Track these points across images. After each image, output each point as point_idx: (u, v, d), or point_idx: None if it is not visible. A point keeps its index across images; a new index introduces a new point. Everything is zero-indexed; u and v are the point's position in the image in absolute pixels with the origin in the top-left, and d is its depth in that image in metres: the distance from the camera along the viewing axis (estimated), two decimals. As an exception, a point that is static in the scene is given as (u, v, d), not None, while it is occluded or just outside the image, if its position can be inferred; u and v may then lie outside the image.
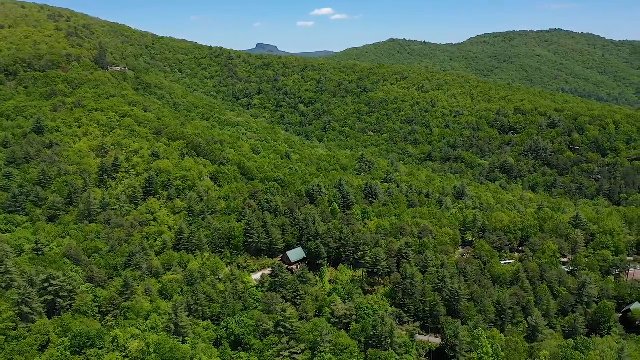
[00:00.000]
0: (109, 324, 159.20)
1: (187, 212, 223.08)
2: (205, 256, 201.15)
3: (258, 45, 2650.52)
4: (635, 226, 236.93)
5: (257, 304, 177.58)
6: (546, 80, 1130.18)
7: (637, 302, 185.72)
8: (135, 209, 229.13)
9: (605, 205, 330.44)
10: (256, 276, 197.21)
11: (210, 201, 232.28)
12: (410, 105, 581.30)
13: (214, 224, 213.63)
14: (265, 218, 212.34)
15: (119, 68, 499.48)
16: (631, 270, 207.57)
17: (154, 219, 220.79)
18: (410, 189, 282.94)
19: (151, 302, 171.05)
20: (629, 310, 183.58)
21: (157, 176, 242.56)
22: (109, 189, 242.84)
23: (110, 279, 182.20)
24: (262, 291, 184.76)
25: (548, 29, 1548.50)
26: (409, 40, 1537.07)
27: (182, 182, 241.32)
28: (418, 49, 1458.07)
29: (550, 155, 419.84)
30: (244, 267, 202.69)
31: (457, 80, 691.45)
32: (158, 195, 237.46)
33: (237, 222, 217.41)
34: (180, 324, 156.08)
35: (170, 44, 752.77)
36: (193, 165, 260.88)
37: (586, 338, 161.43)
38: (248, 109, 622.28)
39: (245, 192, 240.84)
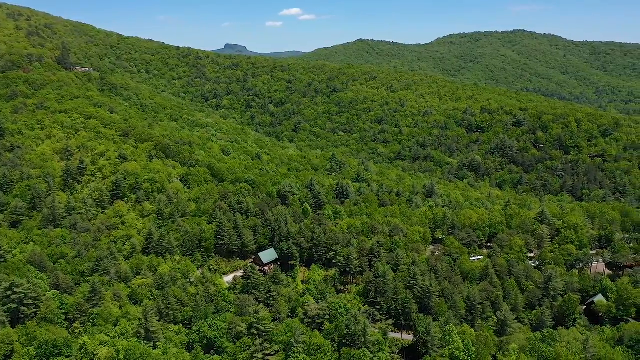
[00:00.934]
0: (77, 331, 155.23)
1: (156, 215, 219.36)
2: (175, 259, 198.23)
3: (227, 46, 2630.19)
4: (598, 221, 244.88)
5: (230, 306, 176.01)
6: (511, 79, 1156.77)
7: (600, 294, 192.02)
8: (102, 212, 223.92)
9: (569, 201, 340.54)
10: (228, 278, 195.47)
11: (180, 203, 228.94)
12: (379, 105, 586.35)
13: (184, 226, 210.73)
14: (237, 219, 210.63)
15: (83, 69, 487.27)
16: (594, 264, 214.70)
17: (122, 223, 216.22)
18: (381, 188, 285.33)
19: (120, 307, 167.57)
20: (593, 302, 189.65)
21: (125, 179, 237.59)
22: (75, 192, 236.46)
23: (77, 285, 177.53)
24: (234, 293, 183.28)
25: (512, 30, 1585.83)
26: (378, 41, 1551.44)
27: (151, 185, 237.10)
28: (387, 50, 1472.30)
29: (516, 153, 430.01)
30: (216, 270, 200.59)
31: (425, 80, 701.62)
32: (126, 199, 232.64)
33: (208, 224, 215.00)
34: (150, 329, 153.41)
35: (136, 44, 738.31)
36: (162, 167, 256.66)
37: (553, 330, 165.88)
38: (217, 109, 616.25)
39: (216, 194, 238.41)
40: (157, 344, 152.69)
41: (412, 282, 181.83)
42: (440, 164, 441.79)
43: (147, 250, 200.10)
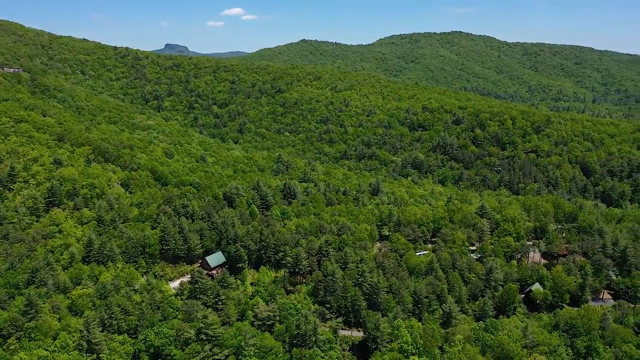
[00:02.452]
0: (12, 347, 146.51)
1: (96, 222, 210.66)
2: (118, 267, 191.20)
3: (167, 46, 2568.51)
4: (533, 213, 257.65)
5: (177, 312, 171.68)
6: (450, 79, 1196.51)
7: (537, 283, 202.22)
8: (37, 221, 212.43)
9: (507, 195, 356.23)
10: (174, 284, 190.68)
11: (121, 209, 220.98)
12: (324, 105, 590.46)
13: (127, 232, 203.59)
14: (182, 224, 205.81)
15: (12, 69, 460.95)
16: (531, 254, 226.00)
17: (59, 231, 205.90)
18: (328, 187, 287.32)
19: (59, 320, 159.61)
20: (531, 290, 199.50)
21: (61, 185, 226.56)
22: (5, 200, 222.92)
23: (11, 299, 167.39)
24: (181, 299, 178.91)
25: (450, 31, 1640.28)
26: (321, 41, 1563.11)
27: (90, 191, 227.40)
28: (330, 50, 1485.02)
29: (456, 150, 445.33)
30: (161, 276, 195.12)
31: (368, 80, 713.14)
32: (63, 206, 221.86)
33: (152, 229, 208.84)
34: (93, 341, 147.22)
35: (70, 44, 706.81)
36: (101, 171, 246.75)
37: (495, 320, 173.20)
38: (159, 111, 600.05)
39: (159, 198, 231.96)
40: (101, 355, 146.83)
41: (360, 279, 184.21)
42: (385, 162, 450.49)
43: (87, 259, 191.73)
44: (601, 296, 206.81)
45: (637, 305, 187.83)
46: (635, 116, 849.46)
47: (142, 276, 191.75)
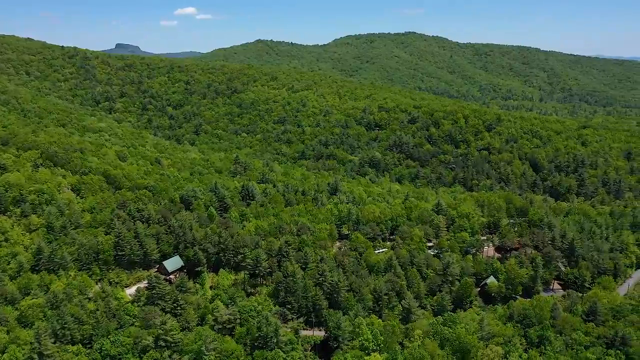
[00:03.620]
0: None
1: (45, 229, 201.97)
2: (70, 275, 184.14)
3: (118, 45, 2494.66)
4: (486, 209, 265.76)
5: (134, 319, 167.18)
6: (405, 79, 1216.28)
7: (491, 276, 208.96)
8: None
9: (461, 191, 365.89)
10: (131, 291, 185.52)
11: (72, 215, 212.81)
12: (281, 105, 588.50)
13: (79, 239, 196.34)
14: (137, 228, 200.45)
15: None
16: (485, 248, 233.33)
17: (5, 240, 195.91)
18: (287, 188, 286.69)
19: (8, 332, 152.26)
20: (486, 284, 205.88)
21: (7, 191, 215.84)
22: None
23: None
24: (138, 306, 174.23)
25: (404, 32, 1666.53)
26: (277, 42, 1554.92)
27: (38, 196, 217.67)
28: (286, 50, 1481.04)
29: (412, 148, 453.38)
30: (117, 283, 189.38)
31: (325, 80, 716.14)
32: (9, 213, 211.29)
33: (106, 234, 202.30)
34: (45, 353, 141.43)
35: (13, 44, 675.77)
36: (50, 176, 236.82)
37: (452, 313, 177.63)
38: (110, 113, 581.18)
39: (113, 203, 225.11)
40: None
41: (321, 278, 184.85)
42: (343, 162, 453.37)
43: (36, 268, 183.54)
44: (551, 287, 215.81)
45: (584, 295, 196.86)
46: (580, 114, 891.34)
47: (96, 284, 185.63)
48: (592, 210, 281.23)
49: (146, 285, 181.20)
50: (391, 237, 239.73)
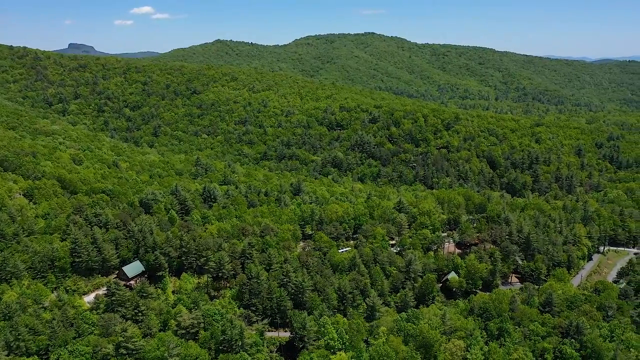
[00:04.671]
0: None
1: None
2: (24, 284, 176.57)
3: (71, 45, 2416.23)
4: (446, 206, 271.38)
5: (93, 328, 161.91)
6: (365, 79, 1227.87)
7: (452, 271, 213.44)
8: None
9: (422, 189, 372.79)
10: (89, 298, 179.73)
11: (25, 221, 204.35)
12: (242, 106, 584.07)
13: (33, 246, 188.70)
14: (95, 233, 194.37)
15: None
16: (446, 244, 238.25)
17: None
18: (249, 189, 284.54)
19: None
20: (447, 279, 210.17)
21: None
22: None
23: None
24: (97, 313, 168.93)
25: (363, 32, 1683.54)
26: (236, 42, 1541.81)
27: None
28: (246, 50, 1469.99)
29: (374, 148, 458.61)
30: (74, 290, 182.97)
31: (286, 80, 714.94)
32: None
33: (62, 241, 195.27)
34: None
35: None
36: (0, 182, 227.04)
37: (416, 310, 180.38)
38: (64, 115, 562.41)
39: (69, 208, 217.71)
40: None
41: (285, 279, 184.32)
42: (305, 162, 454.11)
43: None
44: (510, 280, 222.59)
45: (540, 287, 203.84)
46: (533, 112, 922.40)
47: (52, 292, 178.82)
48: (546, 205, 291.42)
49: (105, 292, 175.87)
50: (354, 236, 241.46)
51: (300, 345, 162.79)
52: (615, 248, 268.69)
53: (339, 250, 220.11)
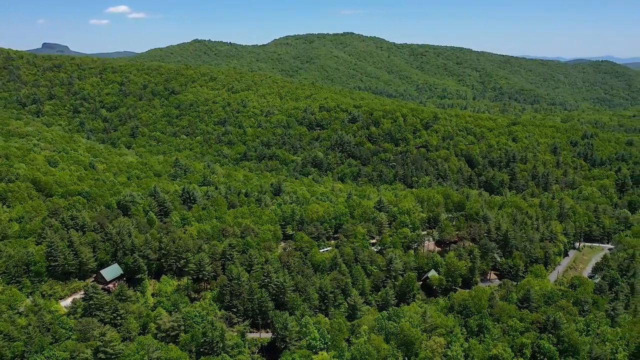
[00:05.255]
0: None
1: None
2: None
3: (45, 45, 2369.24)
4: (426, 204, 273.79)
5: (71, 333, 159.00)
6: (344, 79, 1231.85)
7: (433, 269, 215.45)
8: None
9: (402, 188, 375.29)
10: (66, 302, 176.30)
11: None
12: (221, 106, 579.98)
13: (6, 250, 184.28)
14: (71, 237, 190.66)
15: None
16: (426, 243, 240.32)
17: None
18: (229, 189, 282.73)
19: None
20: (427, 277, 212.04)
21: None
22: None
23: None
24: (74, 318, 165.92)
25: (342, 32, 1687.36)
26: (215, 41, 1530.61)
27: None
28: (224, 50, 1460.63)
29: (354, 147, 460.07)
30: (50, 295, 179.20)
31: (265, 80, 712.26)
32: None
33: (37, 245, 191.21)
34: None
35: None
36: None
37: (397, 308, 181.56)
38: (38, 116, 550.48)
39: (44, 211, 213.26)
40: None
41: (266, 280, 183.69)
42: (286, 162, 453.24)
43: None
44: (488, 277, 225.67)
45: (518, 283, 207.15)
46: (510, 111, 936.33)
47: (28, 297, 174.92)
48: (524, 203, 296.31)
49: (83, 296, 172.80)
50: (335, 235, 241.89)
51: (282, 346, 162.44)
52: (590, 244, 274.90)
53: (320, 250, 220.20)
